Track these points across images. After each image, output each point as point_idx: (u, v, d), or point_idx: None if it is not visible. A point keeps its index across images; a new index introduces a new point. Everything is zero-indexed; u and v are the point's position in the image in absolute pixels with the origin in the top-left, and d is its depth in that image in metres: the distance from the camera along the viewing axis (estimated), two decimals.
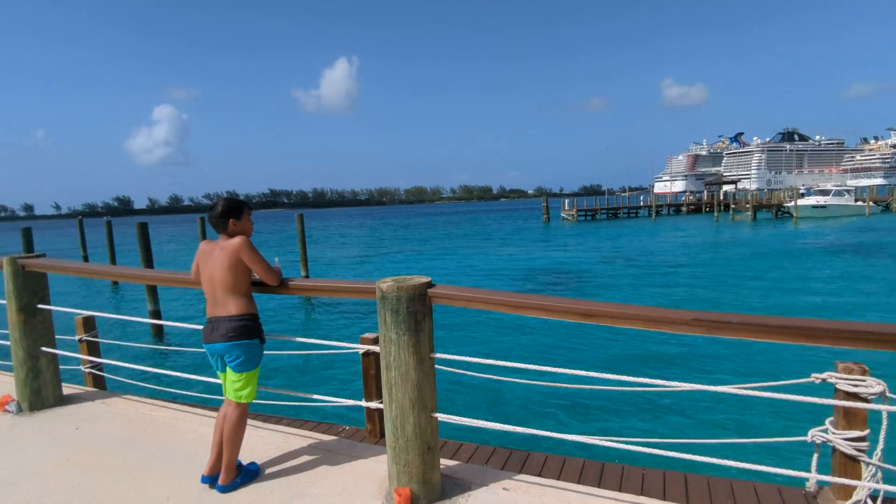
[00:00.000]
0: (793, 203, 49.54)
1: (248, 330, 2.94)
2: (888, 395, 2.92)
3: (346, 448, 3.46)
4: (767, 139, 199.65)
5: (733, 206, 56.51)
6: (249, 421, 3.62)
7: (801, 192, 54.84)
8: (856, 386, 2.99)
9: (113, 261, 27.28)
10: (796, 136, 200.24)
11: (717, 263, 23.87)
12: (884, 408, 2.64)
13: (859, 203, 52.17)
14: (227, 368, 2.98)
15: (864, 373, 2.98)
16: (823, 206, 49.35)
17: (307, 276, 20.13)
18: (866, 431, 2.95)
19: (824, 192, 54.04)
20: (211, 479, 2.98)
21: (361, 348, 3.79)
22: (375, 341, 3.77)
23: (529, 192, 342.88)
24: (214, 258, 2.97)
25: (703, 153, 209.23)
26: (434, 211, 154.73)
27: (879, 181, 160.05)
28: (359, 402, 3.63)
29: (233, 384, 2.97)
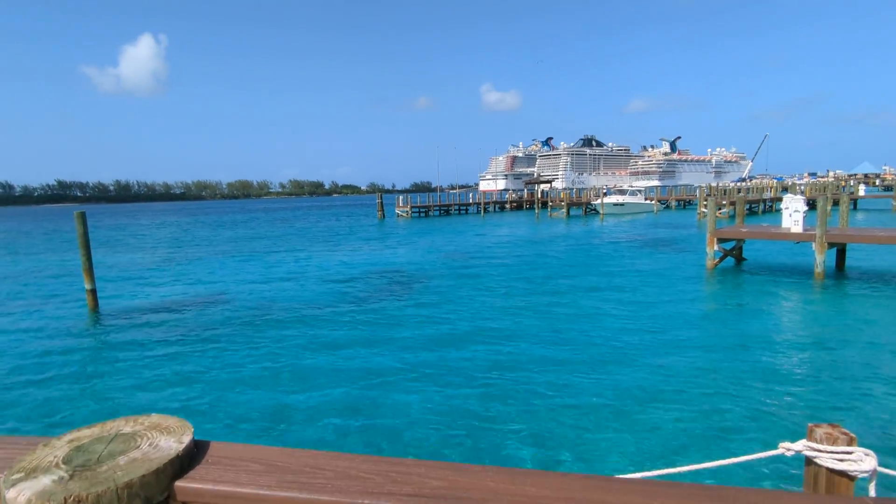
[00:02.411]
0: (599, 201, 56.06)
1: None
2: (878, 469, 2.18)
3: None
4: (572, 144, 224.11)
5: (551, 203, 62.50)
6: None
7: (605, 191, 62.42)
8: (841, 461, 2.18)
9: None
10: (594, 143, 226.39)
11: (547, 255, 25.23)
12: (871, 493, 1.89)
13: (649, 202, 61.32)
14: None
15: (850, 441, 2.20)
16: (622, 204, 56.70)
17: (93, 290, 16.20)
18: None
19: (622, 192, 62.65)
20: None
21: None
22: None
23: (363, 187, 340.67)
24: None
25: (520, 155, 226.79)
26: (260, 206, 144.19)
27: (656, 182, 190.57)
28: None
29: None
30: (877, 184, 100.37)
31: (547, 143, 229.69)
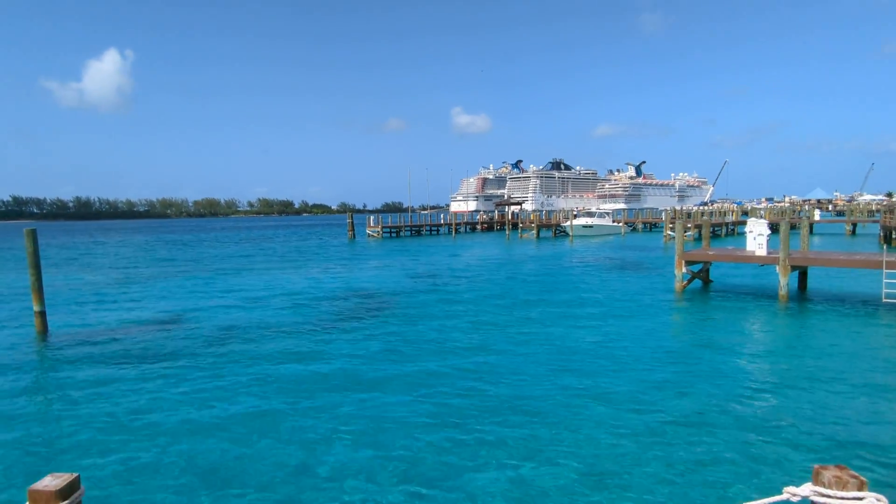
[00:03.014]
0: (568, 223, 56.80)
1: None
2: None
3: None
4: (541, 167, 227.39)
5: (521, 225, 62.84)
6: None
7: (574, 213, 63.40)
8: None
9: None
10: (562, 166, 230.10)
11: (518, 278, 25.20)
12: None
13: (616, 224, 62.58)
14: None
15: (861, 486, 2.01)
16: (591, 226, 57.68)
17: (42, 312, 15.28)
18: None
19: (591, 214, 63.73)
20: None
21: None
22: None
23: (333, 207, 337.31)
24: None
25: (491, 177, 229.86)
26: (228, 225, 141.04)
27: (622, 205, 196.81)
28: None
29: None
30: (829, 209, 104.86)
31: (517, 165, 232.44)
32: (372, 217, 68.35)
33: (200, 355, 12.85)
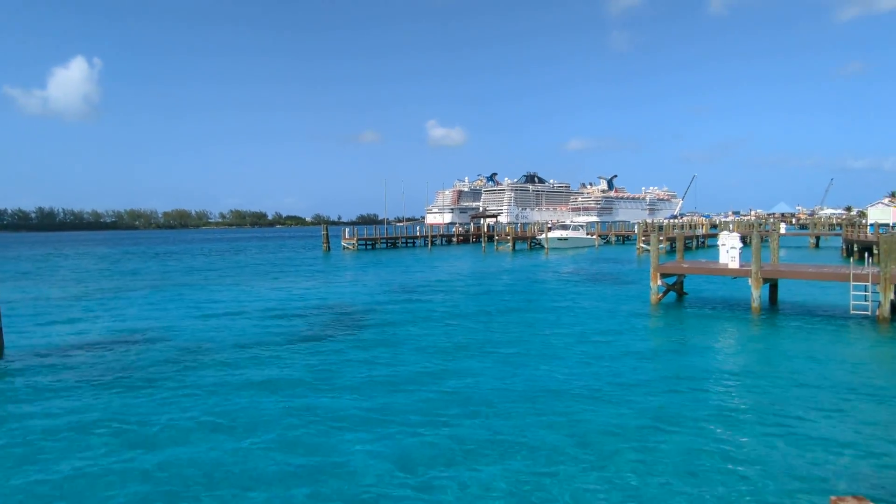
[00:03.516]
0: (544, 236, 57.24)
1: None
2: None
3: None
4: (515, 180, 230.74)
5: (497, 237, 63.22)
6: None
7: (549, 226, 63.93)
8: None
9: None
10: (536, 179, 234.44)
11: (495, 291, 25.09)
12: None
13: (590, 236, 63.25)
14: None
15: None
16: (566, 239, 57.89)
17: None
18: None
19: (565, 227, 64.28)
20: None
21: None
22: None
23: (307, 219, 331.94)
24: None
25: (466, 189, 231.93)
26: (200, 237, 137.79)
27: (595, 218, 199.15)
28: None
29: None
30: (793, 222, 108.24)
31: (492, 178, 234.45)
32: (347, 229, 67.19)
33: (156, 380, 11.95)
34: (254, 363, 13.19)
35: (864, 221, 57.40)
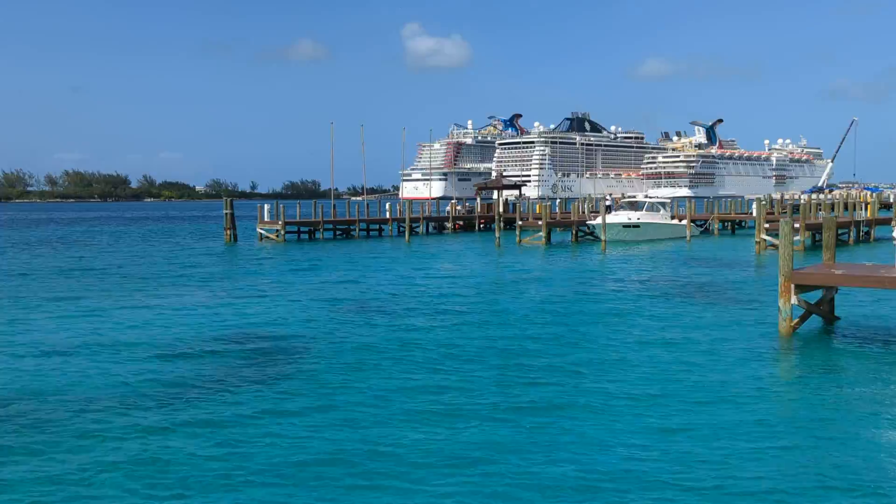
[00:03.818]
0: (599, 220, 37.37)
1: None
2: None
3: None
4: (553, 127, 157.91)
5: (521, 222, 41.50)
6: None
7: (607, 203, 45.15)
8: None
9: None
10: (588, 125, 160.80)
11: (514, 316, 16.70)
12: None
13: (676, 222, 42.64)
14: None
15: None
16: (637, 226, 39.81)
17: None
18: None
19: (635, 206, 43.81)
20: None
21: None
22: None
23: (198, 188, 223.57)
24: None
25: (469, 141, 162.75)
26: (9, 218, 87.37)
27: (685, 191, 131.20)
28: None
29: None
30: None
31: (512, 123, 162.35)
32: (267, 206, 44.60)
33: None
34: (89, 445, 5.97)
35: None
